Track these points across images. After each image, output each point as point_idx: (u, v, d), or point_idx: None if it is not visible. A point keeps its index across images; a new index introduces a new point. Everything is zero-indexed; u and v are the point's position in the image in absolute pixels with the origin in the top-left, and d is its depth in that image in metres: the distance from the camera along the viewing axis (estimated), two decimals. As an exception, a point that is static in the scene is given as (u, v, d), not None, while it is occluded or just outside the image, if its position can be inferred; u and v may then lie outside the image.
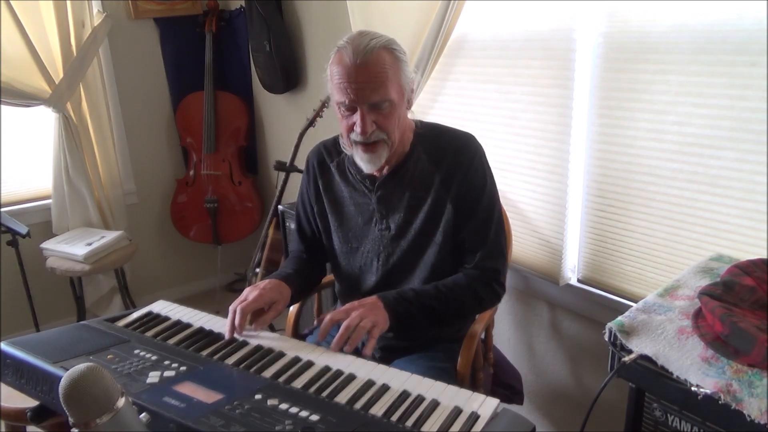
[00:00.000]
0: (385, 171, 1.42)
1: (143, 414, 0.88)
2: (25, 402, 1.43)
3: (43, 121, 2.83)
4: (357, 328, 1.17)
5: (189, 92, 3.19)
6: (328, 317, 1.21)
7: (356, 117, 1.28)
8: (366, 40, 1.27)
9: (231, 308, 1.26)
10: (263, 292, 1.31)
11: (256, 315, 1.28)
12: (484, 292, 1.38)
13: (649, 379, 0.92)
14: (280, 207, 2.52)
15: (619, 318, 1.02)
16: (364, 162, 1.36)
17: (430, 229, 1.39)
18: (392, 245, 1.43)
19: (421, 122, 1.46)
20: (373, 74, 1.25)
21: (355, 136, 1.31)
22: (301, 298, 1.54)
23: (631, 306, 1.06)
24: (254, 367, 1.10)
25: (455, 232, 1.38)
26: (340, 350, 1.15)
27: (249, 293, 1.30)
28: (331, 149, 1.53)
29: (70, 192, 2.84)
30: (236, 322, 1.22)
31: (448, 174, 1.38)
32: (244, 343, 1.19)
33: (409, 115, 1.44)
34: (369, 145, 1.32)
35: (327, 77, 1.33)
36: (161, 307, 1.37)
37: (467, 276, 1.38)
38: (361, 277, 1.49)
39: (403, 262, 1.43)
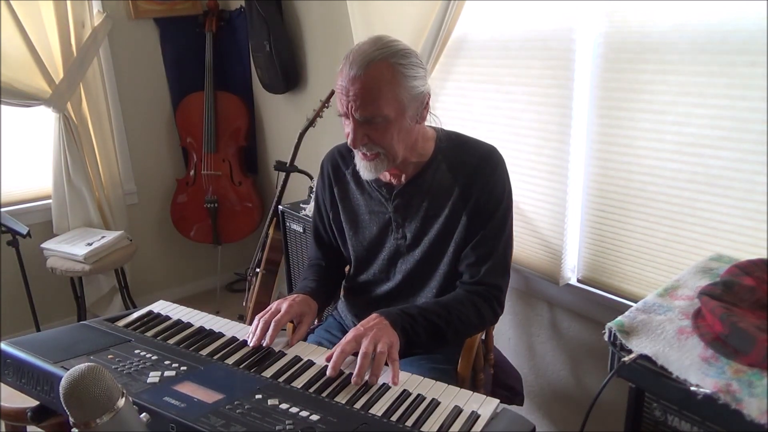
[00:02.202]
0: (403, 179, 1.40)
1: (143, 414, 0.88)
2: (25, 402, 1.44)
3: (43, 121, 2.83)
4: (376, 355, 1.09)
5: (189, 92, 3.19)
6: (338, 350, 1.10)
7: (350, 129, 1.28)
8: (371, 50, 1.23)
9: (262, 319, 1.23)
10: (293, 303, 1.29)
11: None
12: (484, 310, 1.34)
13: (649, 379, 0.92)
14: (280, 207, 2.53)
15: (619, 318, 1.02)
16: (362, 169, 1.35)
17: (444, 239, 1.38)
18: (407, 254, 1.42)
19: (443, 131, 1.43)
20: (366, 89, 1.22)
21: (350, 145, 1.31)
22: (325, 309, 1.52)
23: (631, 306, 1.06)
24: (254, 367, 1.10)
25: (465, 243, 1.36)
26: (363, 382, 1.05)
27: (279, 305, 1.28)
28: (345, 155, 1.50)
29: (70, 192, 2.84)
30: (269, 333, 1.19)
31: (468, 185, 1.35)
32: (245, 343, 1.20)
33: (433, 123, 1.42)
34: (366, 155, 1.31)
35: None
36: (161, 307, 1.37)
37: (468, 292, 1.34)
38: (376, 285, 1.48)
39: (418, 271, 1.42)
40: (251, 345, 1.18)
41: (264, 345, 1.18)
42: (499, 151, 1.40)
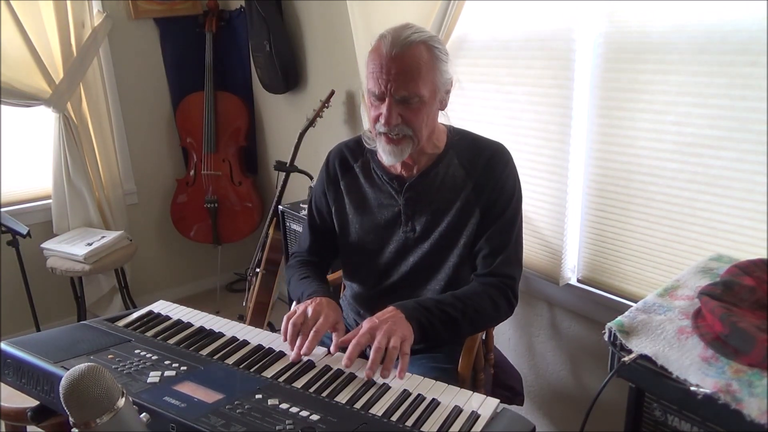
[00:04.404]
0: (414, 172, 1.42)
1: (143, 414, 0.88)
2: (25, 402, 1.44)
3: (43, 121, 2.83)
4: (389, 350, 1.08)
5: (189, 92, 3.20)
6: (354, 341, 1.10)
7: (383, 107, 1.28)
8: (408, 32, 1.26)
9: (301, 330, 1.17)
10: (329, 312, 1.23)
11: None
12: (500, 301, 1.34)
13: (649, 379, 0.92)
14: (280, 207, 2.53)
15: (619, 318, 1.02)
16: (386, 154, 1.34)
17: (455, 233, 1.39)
18: (415, 247, 1.43)
19: (453, 128, 1.46)
20: (406, 67, 1.24)
21: (380, 126, 1.30)
22: None
23: (631, 306, 1.06)
24: (255, 367, 1.10)
25: (477, 236, 1.38)
26: (372, 375, 1.05)
27: (316, 314, 1.21)
28: (354, 149, 1.51)
29: (70, 192, 2.84)
30: (307, 344, 1.13)
31: (481, 180, 1.37)
32: (245, 343, 1.19)
33: (442, 119, 1.44)
34: (393, 138, 1.31)
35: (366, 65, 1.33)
36: (161, 307, 1.37)
37: (482, 284, 1.35)
38: (381, 278, 1.48)
39: (426, 264, 1.42)
40: (292, 359, 1.13)
41: (304, 357, 1.13)
42: (507, 147, 1.43)
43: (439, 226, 1.40)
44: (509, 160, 1.41)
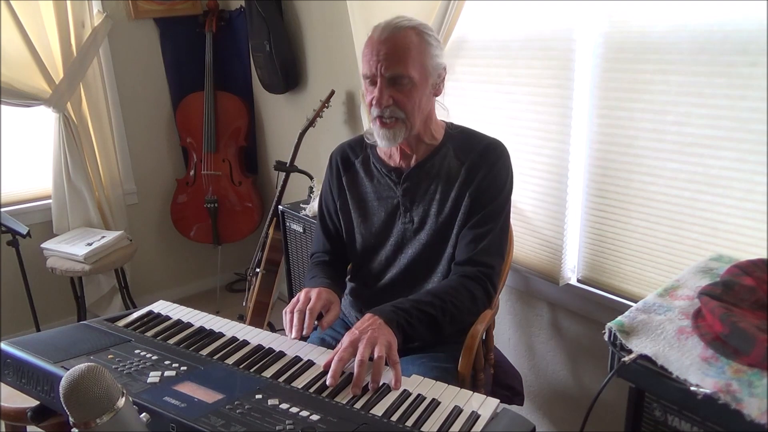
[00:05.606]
0: (412, 163, 1.44)
1: (143, 414, 0.88)
2: (25, 402, 1.44)
3: (43, 121, 2.83)
4: (375, 360, 1.07)
5: (189, 92, 3.20)
6: (336, 358, 1.07)
7: (376, 90, 1.32)
8: (398, 20, 1.35)
9: (295, 311, 1.23)
10: (321, 293, 1.30)
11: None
12: (476, 290, 1.34)
13: (649, 379, 0.92)
14: (280, 207, 2.53)
15: (619, 318, 1.02)
16: (380, 138, 1.38)
17: (450, 222, 1.41)
18: (414, 238, 1.45)
19: (452, 123, 1.49)
20: (395, 48, 1.30)
21: (373, 110, 1.34)
22: None
23: (631, 306, 1.06)
24: (255, 367, 1.10)
25: (466, 223, 1.39)
26: (364, 389, 1.03)
27: (308, 294, 1.29)
28: (355, 146, 1.56)
29: (70, 192, 2.85)
30: (306, 323, 1.20)
31: (473, 169, 1.40)
32: (245, 343, 1.20)
33: (443, 115, 1.48)
34: (386, 122, 1.34)
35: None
36: (161, 307, 1.37)
37: (460, 276, 1.36)
38: (382, 273, 1.50)
39: (424, 256, 1.44)
40: (292, 338, 1.19)
41: (304, 335, 1.19)
42: (504, 144, 1.45)
43: (436, 217, 1.42)
44: (503, 153, 1.43)
